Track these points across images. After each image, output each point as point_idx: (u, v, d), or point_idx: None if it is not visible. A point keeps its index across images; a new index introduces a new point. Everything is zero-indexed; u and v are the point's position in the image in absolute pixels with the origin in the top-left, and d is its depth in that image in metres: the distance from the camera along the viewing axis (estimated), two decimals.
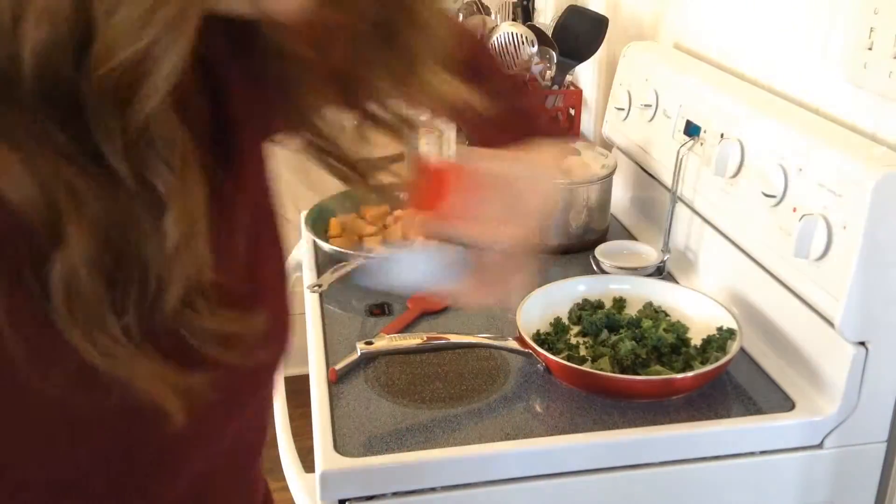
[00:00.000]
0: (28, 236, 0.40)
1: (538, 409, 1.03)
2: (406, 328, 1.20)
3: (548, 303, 1.20)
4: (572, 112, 1.76)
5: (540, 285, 1.22)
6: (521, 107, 0.83)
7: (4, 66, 0.37)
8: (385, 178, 0.61)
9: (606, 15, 1.71)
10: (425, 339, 1.09)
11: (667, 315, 1.19)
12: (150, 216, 0.42)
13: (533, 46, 1.69)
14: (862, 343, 0.98)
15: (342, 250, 1.35)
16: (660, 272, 1.33)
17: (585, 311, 1.19)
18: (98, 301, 0.41)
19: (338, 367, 1.08)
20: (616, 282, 1.26)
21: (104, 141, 0.39)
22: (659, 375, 1.03)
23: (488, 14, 2.04)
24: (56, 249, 0.40)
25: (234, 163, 0.53)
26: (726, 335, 1.10)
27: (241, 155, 0.55)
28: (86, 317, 0.41)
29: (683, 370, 1.05)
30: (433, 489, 0.95)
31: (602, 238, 1.46)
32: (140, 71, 0.37)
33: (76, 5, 0.36)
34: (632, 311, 1.20)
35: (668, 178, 1.37)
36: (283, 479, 1.10)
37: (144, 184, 0.41)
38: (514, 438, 0.97)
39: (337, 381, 1.08)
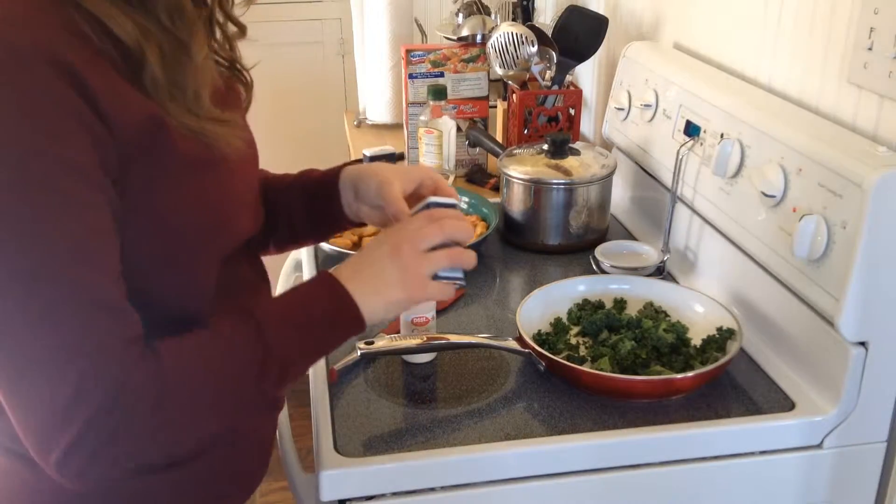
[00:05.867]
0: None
1: (538, 409, 1.03)
2: None
3: (548, 303, 1.20)
4: (572, 112, 1.76)
5: (540, 285, 1.22)
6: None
7: None
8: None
9: (606, 15, 1.71)
10: (425, 339, 1.09)
11: (667, 315, 1.19)
12: (181, 49, 0.77)
13: (533, 46, 1.69)
14: (862, 343, 0.98)
15: (342, 250, 1.36)
16: (660, 272, 1.33)
17: (585, 311, 1.19)
18: (170, 92, 0.76)
19: (338, 367, 1.08)
20: (616, 282, 1.26)
21: (157, 8, 0.75)
22: (659, 375, 1.03)
23: (488, 14, 2.04)
24: (144, 62, 0.74)
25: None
26: (726, 335, 1.10)
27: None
28: (166, 98, 0.75)
29: (683, 370, 1.05)
30: (433, 489, 0.95)
31: (602, 238, 1.46)
32: None
33: None
34: (632, 311, 1.21)
35: (668, 178, 1.37)
36: (283, 479, 1.10)
37: (177, 31, 0.76)
38: (514, 438, 0.97)
39: (337, 381, 1.08)
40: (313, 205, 1.04)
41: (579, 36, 1.70)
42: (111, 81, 0.71)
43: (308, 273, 1.37)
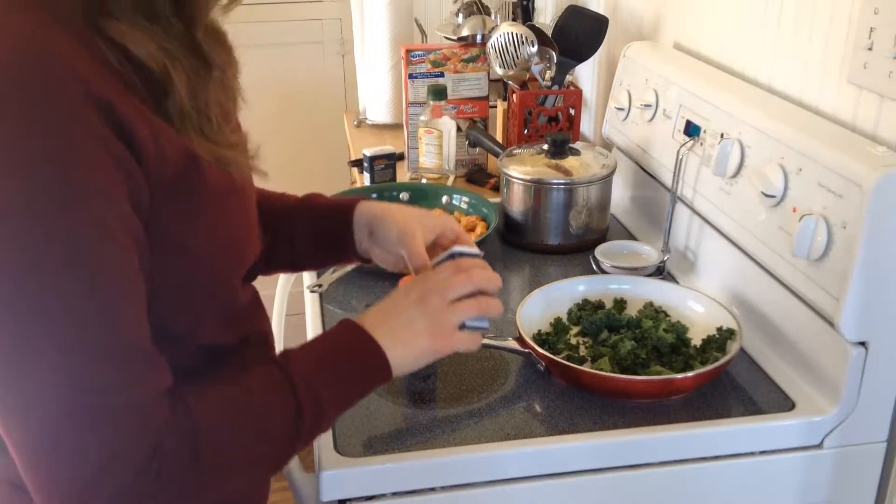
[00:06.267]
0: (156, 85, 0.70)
1: (538, 409, 1.03)
2: None
3: (548, 303, 1.20)
4: (572, 112, 1.76)
5: (540, 285, 1.22)
6: None
7: None
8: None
9: (606, 15, 1.71)
10: None
11: (667, 315, 1.19)
12: (212, 74, 0.74)
13: (533, 46, 1.69)
14: (862, 343, 0.98)
15: None
16: (660, 272, 1.33)
17: (585, 311, 1.19)
18: (196, 121, 0.73)
19: None
20: (616, 282, 1.26)
21: (195, 31, 0.73)
22: (659, 375, 1.03)
23: (488, 14, 2.04)
24: (170, 88, 0.70)
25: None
26: (726, 335, 1.10)
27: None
28: (192, 128, 0.72)
29: (683, 370, 1.05)
30: (433, 489, 0.95)
31: (602, 238, 1.46)
32: None
33: None
34: (632, 311, 1.21)
35: (668, 178, 1.37)
36: (283, 479, 1.10)
37: (215, 55, 0.74)
38: (514, 438, 0.97)
39: None
40: (322, 236, 1.03)
41: (579, 36, 1.70)
42: (145, 118, 0.68)
43: (308, 275, 1.36)
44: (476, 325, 0.88)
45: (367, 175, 1.76)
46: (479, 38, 1.93)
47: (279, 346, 1.36)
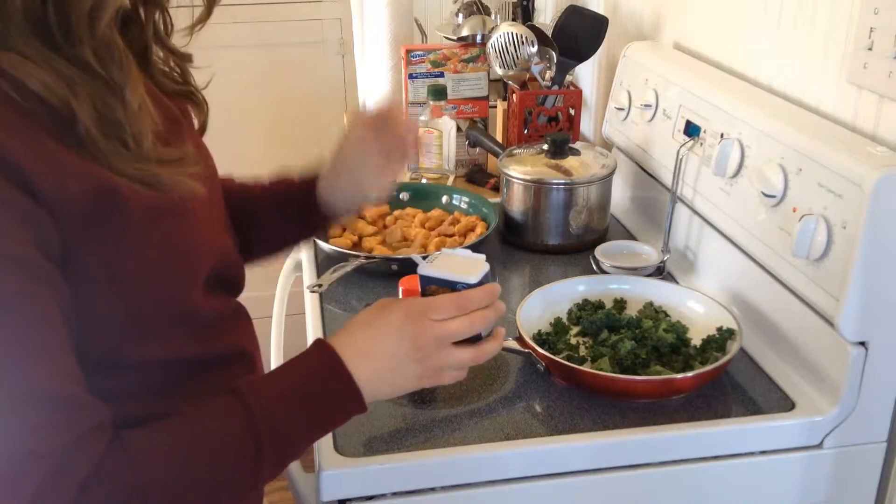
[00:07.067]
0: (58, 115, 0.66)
1: (538, 409, 1.03)
2: None
3: (548, 303, 1.20)
4: (572, 112, 1.76)
5: (540, 285, 1.22)
6: None
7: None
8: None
9: (606, 15, 1.71)
10: None
11: (667, 315, 1.19)
12: (115, 94, 0.70)
13: (533, 46, 1.69)
14: (862, 343, 0.98)
15: (342, 250, 1.35)
16: (660, 272, 1.33)
17: (585, 311, 1.19)
18: (108, 146, 0.69)
19: None
20: (616, 282, 1.26)
21: (83, 50, 0.68)
22: (659, 375, 1.03)
23: (488, 14, 2.04)
24: (74, 119, 0.66)
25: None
26: (726, 335, 1.10)
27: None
28: (106, 154, 0.69)
29: (683, 370, 1.05)
30: (433, 489, 0.95)
31: (602, 238, 1.46)
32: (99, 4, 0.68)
33: None
34: (632, 311, 1.20)
35: (668, 178, 1.37)
36: (283, 479, 1.10)
37: (108, 73, 0.69)
38: (514, 438, 0.97)
39: None
40: (286, 200, 1.06)
41: (579, 36, 1.70)
42: (44, 153, 0.65)
43: (308, 275, 1.36)
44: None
45: None
46: (479, 38, 1.93)
47: (278, 346, 1.36)
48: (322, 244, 1.38)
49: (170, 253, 0.76)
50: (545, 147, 1.47)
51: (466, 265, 0.90)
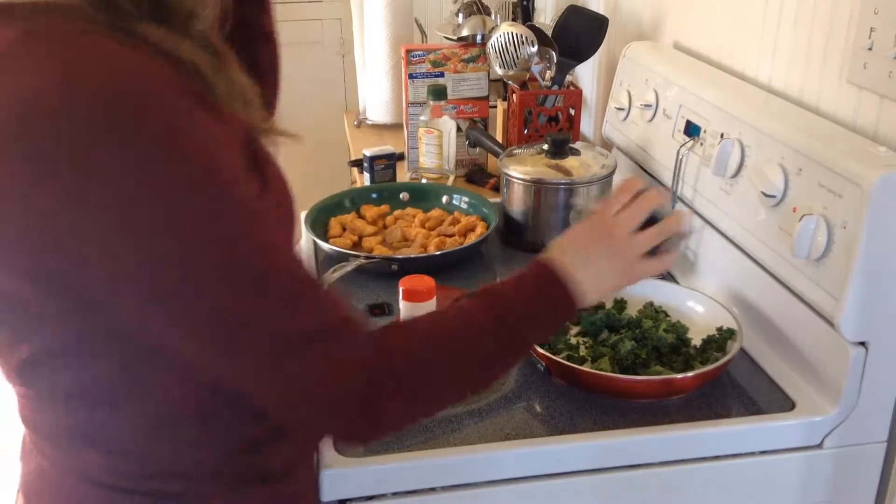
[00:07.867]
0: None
1: (538, 409, 1.03)
2: None
3: None
4: (572, 112, 1.76)
5: None
6: None
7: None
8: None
9: (606, 15, 1.71)
10: None
11: (667, 315, 1.19)
12: (225, 63, 0.74)
13: (533, 46, 1.69)
14: (862, 343, 0.98)
15: (342, 250, 1.36)
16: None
17: (585, 310, 1.19)
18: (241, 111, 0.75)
19: None
20: None
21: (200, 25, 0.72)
22: (659, 375, 1.03)
23: (488, 14, 2.05)
24: (213, 87, 0.71)
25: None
26: (726, 335, 1.10)
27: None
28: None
29: (683, 370, 1.05)
30: (433, 489, 0.95)
31: None
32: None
33: None
34: (632, 311, 1.20)
35: (668, 178, 1.37)
36: None
37: (216, 44, 0.73)
38: (514, 438, 0.97)
39: None
40: None
41: (579, 36, 1.70)
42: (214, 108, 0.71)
43: None
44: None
45: (367, 175, 1.76)
46: (479, 38, 1.93)
47: None
48: (322, 244, 1.38)
49: (285, 199, 0.84)
50: (545, 147, 1.47)
51: None
